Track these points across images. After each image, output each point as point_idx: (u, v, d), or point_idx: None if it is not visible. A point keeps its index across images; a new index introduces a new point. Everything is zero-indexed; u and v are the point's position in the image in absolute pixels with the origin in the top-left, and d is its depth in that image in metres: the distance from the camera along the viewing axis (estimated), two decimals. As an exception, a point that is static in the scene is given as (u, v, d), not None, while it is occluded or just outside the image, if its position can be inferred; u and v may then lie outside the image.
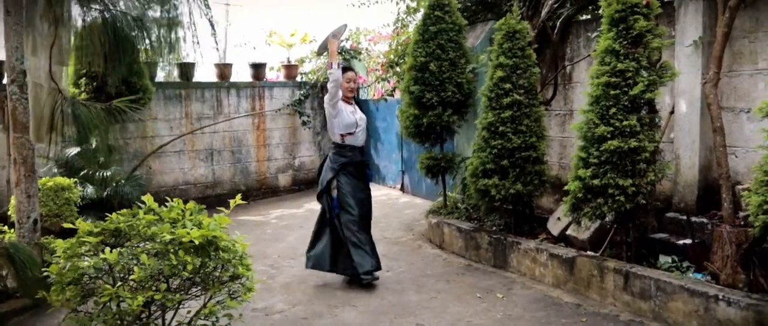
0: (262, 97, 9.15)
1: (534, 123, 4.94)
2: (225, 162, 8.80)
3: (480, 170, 5.03)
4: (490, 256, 5.22)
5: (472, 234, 5.44)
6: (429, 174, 6.12)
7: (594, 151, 3.85)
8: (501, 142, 4.87)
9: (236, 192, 8.91)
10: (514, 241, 4.96)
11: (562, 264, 4.44)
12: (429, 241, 6.19)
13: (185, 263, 2.48)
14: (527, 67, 4.94)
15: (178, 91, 8.26)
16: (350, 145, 4.86)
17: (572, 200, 4.04)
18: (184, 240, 2.52)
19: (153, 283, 2.54)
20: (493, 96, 4.97)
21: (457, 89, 5.82)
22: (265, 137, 9.22)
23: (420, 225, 6.86)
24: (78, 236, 2.70)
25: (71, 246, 2.65)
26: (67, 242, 2.67)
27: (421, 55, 5.83)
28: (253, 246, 6.18)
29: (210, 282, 2.62)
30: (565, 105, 5.54)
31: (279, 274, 5.17)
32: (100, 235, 2.72)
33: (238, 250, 2.69)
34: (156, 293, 2.51)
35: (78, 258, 2.65)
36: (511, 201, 5.04)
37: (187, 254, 2.50)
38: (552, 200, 5.80)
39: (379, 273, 5.07)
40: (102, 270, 2.59)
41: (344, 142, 4.84)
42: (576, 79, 5.38)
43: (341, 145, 4.86)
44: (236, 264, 2.63)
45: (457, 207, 6.29)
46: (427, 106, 5.84)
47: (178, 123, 8.28)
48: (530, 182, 4.93)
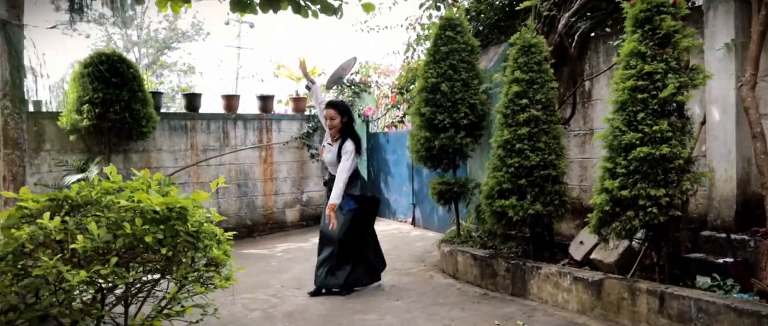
0: (269, 129, 8.97)
1: (553, 140, 4.67)
2: (231, 195, 8.55)
3: (496, 191, 4.73)
4: (508, 283, 4.86)
5: (488, 260, 5.09)
6: (441, 200, 5.81)
7: (621, 161, 3.56)
8: (518, 160, 4.59)
9: (242, 226, 8.72)
10: (533, 266, 4.61)
11: (588, 288, 4.08)
12: (441, 271, 5.83)
13: (142, 235, 2.08)
14: (544, 82, 4.71)
15: (183, 121, 8.10)
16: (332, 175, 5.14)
17: (598, 215, 3.72)
18: (143, 207, 2.14)
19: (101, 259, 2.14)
20: (509, 112, 4.72)
21: (470, 110, 5.58)
22: (273, 170, 8.99)
23: (432, 256, 6.50)
24: (18, 203, 2.33)
25: (10, 216, 2.27)
26: (7, 212, 2.31)
27: (432, 75, 5.62)
28: (256, 277, 5.88)
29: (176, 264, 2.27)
30: (584, 124, 5.27)
31: (281, 303, 4.83)
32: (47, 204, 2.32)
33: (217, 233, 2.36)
34: (102, 268, 2.08)
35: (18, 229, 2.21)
36: (529, 223, 4.71)
37: (146, 225, 2.12)
38: (572, 225, 5.46)
39: (388, 302, 4.75)
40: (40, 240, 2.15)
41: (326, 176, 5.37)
42: (596, 96, 5.13)
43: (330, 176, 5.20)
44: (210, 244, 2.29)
45: (471, 236, 5.95)
46: (439, 128, 5.59)
47: (183, 154, 8.08)
48: (550, 202, 4.61)
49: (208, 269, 2.33)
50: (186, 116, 8.16)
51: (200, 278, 2.37)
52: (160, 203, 2.15)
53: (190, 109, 8.30)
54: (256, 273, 6.06)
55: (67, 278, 2.02)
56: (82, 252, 2.09)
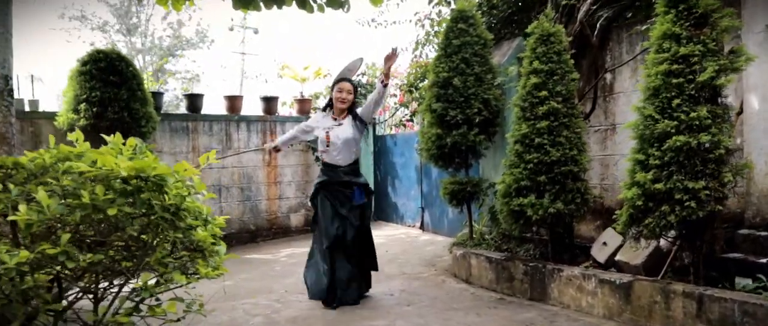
0: (273, 131, 8.71)
1: (574, 134, 4.39)
2: (233, 199, 8.28)
3: (513, 188, 4.45)
4: (526, 288, 4.56)
5: (505, 263, 4.79)
6: (453, 201, 5.53)
7: (654, 151, 3.28)
8: (537, 156, 4.31)
9: (245, 231, 8.44)
10: (554, 269, 4.31)
11: (616, 292, 3.78)
12: (453, 276, 5.53)
13: (104, 207, 1.69)
14: (564, 73, 4.44)
15: (185, 122, 7.86)
16: (328, 163, 4.66)
17: (629, 211, 3.43)
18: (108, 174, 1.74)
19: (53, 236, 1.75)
20: (527, 105, 4.45)
21: (483, 106, 5.31)
22: (277, 174, 8.72)
23: (443, 260, 6.21)
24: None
25: None
26: None
27: (443, 70, 5.36)
28: (259, 282, 5.60)
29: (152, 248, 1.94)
30: (605, 119, 4.99)
31: (285, 309, 4.54)
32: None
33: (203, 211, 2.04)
34: (51, 247, 1.68)
35: None
36: (549, 223, 4.42)
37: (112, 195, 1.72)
38: (592, 226, 5.17)
39: (399, 307, 4.46)
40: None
41: (323, 159, 4.72)
42: (618, 89, 4.85)
43: (324, 163, 4.73)
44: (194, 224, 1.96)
45: (484, 238, 5.67)
46: (451, 125, 5.32)
47: (185, 156, 7.82)
48: (572, 201, 4.33)
49: (193, 255, 1.98)
50: (188, 117, 7.92)
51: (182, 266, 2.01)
52: (129, 169, 1.74)
53: (191, 110, 8.06)
54: (258, 278, 5.78)
55: (3, 259, 1.60)
56: (25, 228, 1.68)
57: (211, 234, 1.99)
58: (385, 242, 7.58)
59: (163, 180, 1.85)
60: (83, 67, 6.51)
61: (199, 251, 1.95)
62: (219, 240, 2.05)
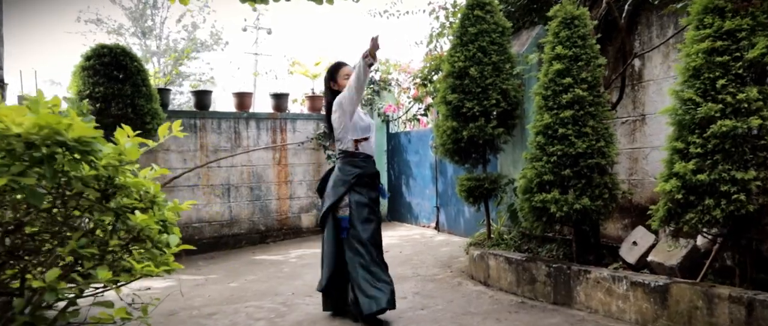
0: (283, 129, 8.46)
1: (601, 124, 4.06)
2: (243, 199, 8.03)
3: (535, 183, 4.12)
4: (550, 291, 4.22)
5: (526, 264, 4.46)
6: (470, 198, 5.20)
7: (695, 139, 2.94)
8: (561, 148, 3.98)
9: (255, 232, 8.18)
10: (581, 270, 3.98)
11: (650, 296, 3.43)
12: (470, 278, 5.21)
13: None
14: (590, 58, 4.10)
15: (192, 120, 7.63)
16: (364, 154, 4.05)
17: (666, 205, 3.09)
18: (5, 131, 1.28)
19: None
20: (550, 93, 4.12)
21: (501, 97, 4.99)
22: (287, 173, 8.46)
23: (459, 262, 5.89)
24: None
25: None
26: None
27: (459, 59, 5.05)
28: (266, 284, 5.33)
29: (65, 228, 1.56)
30: (634, 109, 4.64)
31: (290, 312, 4.26)
32: None
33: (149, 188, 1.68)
34: None
35: None
36: (574, 220, 4.08)
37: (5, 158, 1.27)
38: (619, 225, 4.82)
39: (411, 311, 4.16)
40: None
41: (358, 149, 4.02)
42: (648, 76, 4.50)
43: (354, 153, 4.02)
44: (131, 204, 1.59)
45: (503, 238, 5.33)
46: (468, 117, 5.01)
47: (192, 155, 7.60)
48: (599, 196, 3.99)
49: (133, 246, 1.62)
50: (195, 114, 7.69)
51: (111, 258, 1.62)
52: (33, 125, 1.28)
53: (199, 107, 7.83)
54: (265, 280, 5.51)
55: None
56: None
57: (160, 219, 1.64)
58: (399, 243, 7.28)
59: (89, 144, 1.41)
60: (87, 62, 6.31)
61: (139, 241, 1.59)
62: (172, 227, 1.69)
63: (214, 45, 28.86)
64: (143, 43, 27.11)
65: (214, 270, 6.15)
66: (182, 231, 7.32)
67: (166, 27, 27.86)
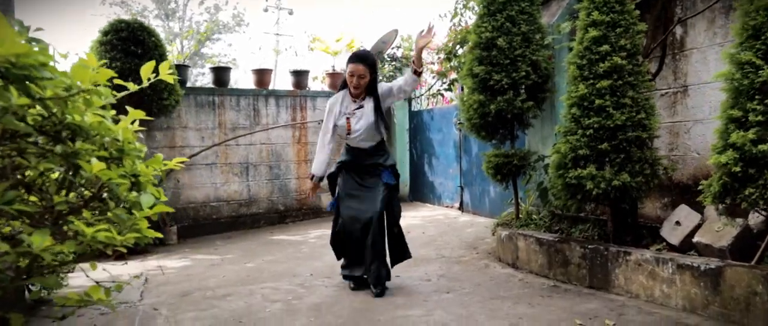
0: (303, 107, 8.24)
1: (640, 95, 3.74)
2: (261, 177, 7.86)
3: (570, 158, 3.84)
4: (585, 274, 3.96)
5: (558, 246, 4.20)
6: (497, 175, 4.94)
7: (755, 106, 2.63)
8: (598, 120, 3.68)
9: (273, 211, 8.01)
10: (620, 252, 3.70)
11: (700, 280, 3.15)
12: (498, 260, 4.96)
13: None
14: (629, 24, 3.78)
15: (211, 97, 7.45)
16: (350, 146, 4.22)
17: (721, 179, 2.80)
18: None
19: None
20: (585, 62, 3.81)
21: (531, 69, 4.69)
22: (307, 151, 8.26)
23: (485, 243, 5.64)
24: None
25: None
26: None
27: (486, 30, 4.75)
28: (284, 264, 5.14)
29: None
30: (674, 80, 4.30)
31: (309, 294, 4.06)
32: None
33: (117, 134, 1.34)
34: None
35: None
36: (612, 198, 3.79)
37: None
38: (658, 204, 4.51)
39: (437, 295, 3.93)
40: None
41: (347, 139, 4.21)
42: (691, 44, 4.15)
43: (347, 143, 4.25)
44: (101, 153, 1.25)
45: (532, 218, 5.06)
46: (496, 90, 4.72)
47: (211, 133, 7.44)
48: (639, 172, 3.69)
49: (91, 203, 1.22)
50: (214, 91, 7.51)
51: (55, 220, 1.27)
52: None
53: (218, 84, 7.65)
54: (283, 260, 5.34)
55: None
56: None
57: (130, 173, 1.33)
58: (422, 223, 7.05)
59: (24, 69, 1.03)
60: (104, 37, 6.16)
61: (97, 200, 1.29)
62: (146, 185, 1.37)
63: (235, 27, 28.80)
64: (166, 25, 27.15)
65: (231, 250, 6.00)
66: (199, 210, 7.22)
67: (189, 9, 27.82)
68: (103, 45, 6.12)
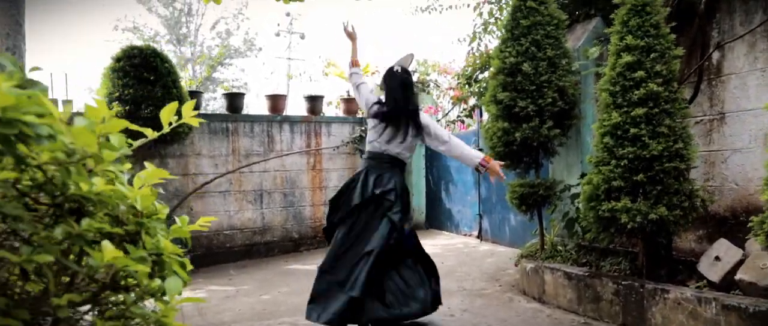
0: (318, 133, 8.13)
1: (678, 123, 3.58)
2: (276, 205, 7.73)
3: (603, 190, 3.67)
4: (618, 311, 3.76)
5: (589, 281, 4.00)
6: (522, 206, 4.76)
7: (812, 137, 2.46)
8: (633, 150, 3.52)
9: (288, 239, 7.85)
10: (656, 289, 3.50)
11: (749, 321, 2.95)
12: (522, 293, 4.76)
13: None
14: (665, 49, 3.64)
15: (224, 124, 7.36)
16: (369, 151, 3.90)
17: (773, 217, 2.61)
18: None
19: None
20: (619, 89, 3.66)
21: (558, 95, 4.54)
22: (322, 178, 8.13)
23: (507, 274, 5.44)
24: None
25: None
26: None
27: (510, 55, 4.62)
28: (300, 297, 4.95)
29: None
30: (710, 107, 4.13)
31: (329, 331, 3.87)
32: None
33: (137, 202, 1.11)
34: None
35: None
36: (648, 231, 3.60)
37: None
38: (693, 237, 4.31)
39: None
40: None
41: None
42: (729, 69, 3.99)
43: None
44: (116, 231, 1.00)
45: (557, 250, 4.87)
46: (520, 118, 4.57)
47: (224, 160, 7.33)
48: (678, 205, 3.51)
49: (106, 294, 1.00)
50: (227, 118, 7.42)
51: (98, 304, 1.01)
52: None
53: (231, 110, 7.57)
54: (299, 292, 5.16)
55: None
56: None
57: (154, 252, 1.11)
58: (441, 252, 6.85)
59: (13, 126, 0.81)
60: (117, 64, 6.11)
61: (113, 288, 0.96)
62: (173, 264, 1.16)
63: (247, 51, 28.97)
64: (178, 50, 27.35)
65: (245, 281, 5.84)
66: (213, 238, 7.07)
67: (201, 34, 28.03)
68: (115, 72, 6.06)
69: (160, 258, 1.05)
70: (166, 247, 1.07)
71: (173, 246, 1.11)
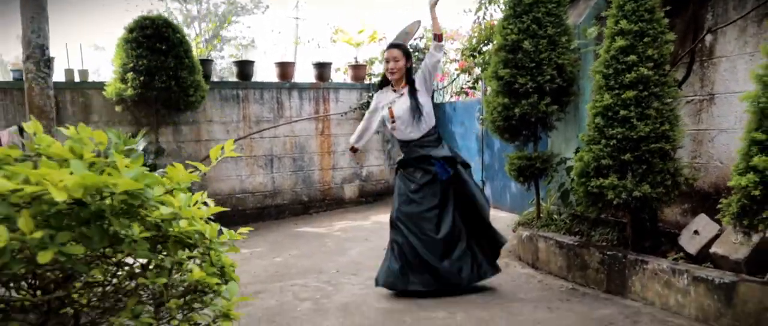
0: (326, 99, 8.37)
1: (665, 106, 3.79)
2: (285, 169, 8.04)
3: (592, 167, 3.91)
4: (602, 278, 4.07)
5: (578, 250, 4.30)
6: (520, 177, 5.03)
7: (778, 130, 2.68)
8: (622, 131, 3.75)
9: (297, 202, 8.21)
10: (637, 260, 3.79)
11: (714, 292, 3.24)
12: (518, 259, 5.08)
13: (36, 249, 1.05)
14: (657, 34, 3.81)
15: (235, 91, 7.61)
16: (401, 140, 4.32)
17: (740, 201, 2.87)
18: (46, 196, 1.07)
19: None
20: (611, 72, 3.86)
21: (557, 72, 4.73)
22: (330, 143, 8.41)
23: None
24: None
25: None
26: None
27: (512, 32, 4.80)
28: (310, 259, 5.32)
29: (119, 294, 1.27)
30: (701, 88, 4.33)
31: (336, 293, 4.23)
32: None
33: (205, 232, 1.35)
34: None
35: None
36: (633, 207, 3.87)
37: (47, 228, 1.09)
38: (678, 210, 4.57)
39: (460, 295, 4.06)
40: None
41: (395, 136, 4.41)
42: (720, 52, 4.16)
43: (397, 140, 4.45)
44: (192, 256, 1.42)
45: (553, 219, 5.15)
46: (520, 94, 4.78)
47: (235, 126, 7.61)
48: (661, 183, 3.76)
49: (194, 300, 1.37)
50: (238, 85, 7.66)
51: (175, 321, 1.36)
52: (75, 186, 1.05)
53: (242, 78, 7.80)
54: (309, 255, 5.51)
55: None
56: None
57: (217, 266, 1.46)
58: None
59: (139, 197, 1.19)
60: (130, 35, 6.32)
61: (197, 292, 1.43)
62: (230, 271, 1.51)
63: (254, 8, 28.85)
64: (184, 8, 27.26)
65: (258, 243, 6.19)
66: (226, 202, 7.41)
67: (207, -9, 27.86)
68: (128, 43, 6.27)
69: (223, 270, 1.36)
70: (226, 261, 1.39)
71: (229, 259, 1.42)
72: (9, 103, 6.21)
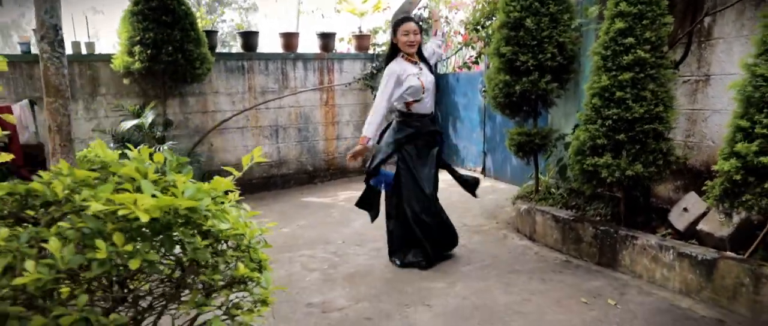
0: (331, 69, 8.46)
1: (661, 88, 3.92)
2: (291, 139, 8.20)
3: (588, 146, 4.07)
4: (595, 251, 4.27)
5: (572, 224, 4.49)
6: (520, 152, 5.18)
7: (763, 118, 2.83)
8: (617, 112, 3.89)
9: (303, 172, 8.40)
10: (627, 235, 3.99)
11: (696, 268, 3.44)
12: (516, 231, 5.29)
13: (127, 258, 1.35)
14: (656, 16, 3.90)
15: (240, 62, 7.70)
16: (418, 113, 4.38)
17: (723, 184, 3.03)
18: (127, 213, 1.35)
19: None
20: (609, 54, 3.97)
21: (558, 50, 4.83)
22: (334, 114, 8.54)
23: (504, 212, 5.95)
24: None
25: None
26: None
27: (514, 9, 4.88)
28: (316, 230, 5.54)
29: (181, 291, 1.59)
30: (698, 68, 4.44)
31: (342, 263, 4.45)
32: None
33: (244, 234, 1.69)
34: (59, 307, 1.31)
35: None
36: (625, 185, 4.04)
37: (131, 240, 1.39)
38: (671, 187, 4.74)
39: (458, 266, 4.31)
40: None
41: (411, 110, 4.36)
42: (718, 33, 4.26)
43: (408, 114, 4.37)
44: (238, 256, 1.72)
45: (551, 192, 5.33)
46: (521, 71, 4.90)
47: (241, 97, 7.73)
48: (653, 162, 3.92)
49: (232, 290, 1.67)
50: (243, 56, 7.76)
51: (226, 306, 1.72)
52: (153, 207, 1.34)
53: (246, 49, 7.88)
54: (316, 225, 5.73)
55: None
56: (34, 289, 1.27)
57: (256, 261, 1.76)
58: (446, 187, 7.32)
59: (197, 211, 1.48)
60: (135, 7, 6.36)
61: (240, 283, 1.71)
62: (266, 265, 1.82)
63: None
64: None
65: (265, 213, 6.40)
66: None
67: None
68: (134, 15, 6.33)
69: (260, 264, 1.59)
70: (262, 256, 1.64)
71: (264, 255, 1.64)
72: (18, 77, 6.35)
